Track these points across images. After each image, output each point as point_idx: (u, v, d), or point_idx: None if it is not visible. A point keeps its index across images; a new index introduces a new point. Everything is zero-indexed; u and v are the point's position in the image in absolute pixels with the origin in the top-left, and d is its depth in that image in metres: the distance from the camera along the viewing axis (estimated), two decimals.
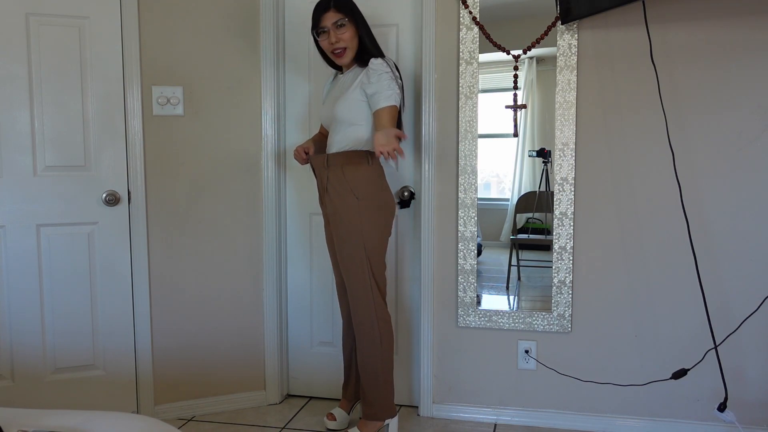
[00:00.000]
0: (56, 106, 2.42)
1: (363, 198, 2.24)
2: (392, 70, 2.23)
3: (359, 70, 2.29)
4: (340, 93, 2.32)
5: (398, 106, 2.22)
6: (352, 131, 2.27)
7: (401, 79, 2.31)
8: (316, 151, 2.47)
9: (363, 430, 2.38)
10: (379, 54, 2.29)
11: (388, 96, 2.17)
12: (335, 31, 2.23)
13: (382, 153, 1.99)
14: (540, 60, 2.49)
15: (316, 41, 2.34)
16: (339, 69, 2.44)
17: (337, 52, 2.27)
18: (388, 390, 2.37)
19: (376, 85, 2.19)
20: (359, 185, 2.24)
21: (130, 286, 2.57)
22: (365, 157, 2.27)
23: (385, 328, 2.33)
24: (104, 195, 2.49)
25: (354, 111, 2.26)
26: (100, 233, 2.51)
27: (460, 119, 2.52)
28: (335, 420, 2.53)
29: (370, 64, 2.22)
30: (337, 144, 2.30)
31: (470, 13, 2.46)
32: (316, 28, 2.27)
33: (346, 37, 2.24)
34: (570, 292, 2.49)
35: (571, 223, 2.47)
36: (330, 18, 2.22)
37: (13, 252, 2.43)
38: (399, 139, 2.04)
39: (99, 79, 2.46)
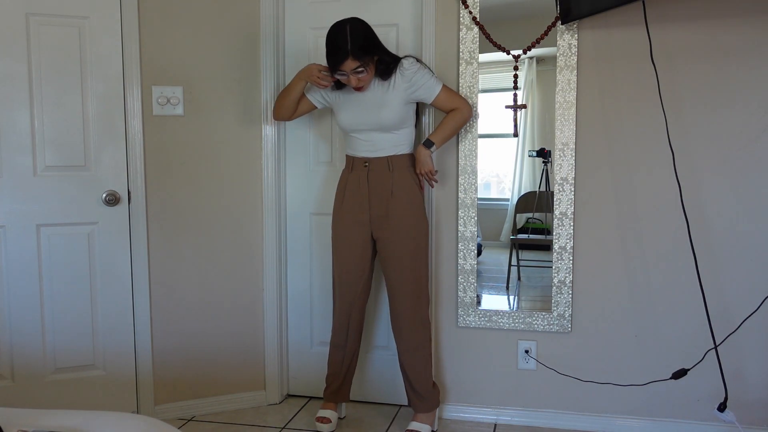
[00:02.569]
0: (56, 106, 2.42)
1: (420, 188, 2.44)
2: (421, 62, 2.38)
3: (388, 81, 2.33)
4: (377, 102, 2.33)
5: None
6: (403, 134, 2.39)
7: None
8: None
9: (427, 420, 2.48)
10: (395, 59, 2.34)
11: (435, 81, 2.35)
12: (355, 75, 2.25)
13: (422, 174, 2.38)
14: (540, 60, 2.50)
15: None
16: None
17: (359, 87, 2.31)
18: (432, 380, 2.51)
19: (420, 79, 2.32)
20: (417, 178, 2.43)
21: (130, 286, 2.57)
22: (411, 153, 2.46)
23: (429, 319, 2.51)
24: (104, 195, 2.49)
25: (401, 116, 2.35)
26: (100, 233, 2.51)
27: None
28: (330, 422, 2.53)
29: (401, 66, 2.32)
30: (391, 148, 2.38)
31: (470, 13, 2.46)
32: (335, 71, 2.26)
33: (366, 78, 2.29)
34: (570, 292, 2.49)
35: (571, 223, 2.47)
36: (349, 65, 2.22)
37: (13, 252, 2.43)
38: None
39: (99, 79, 2.46)
